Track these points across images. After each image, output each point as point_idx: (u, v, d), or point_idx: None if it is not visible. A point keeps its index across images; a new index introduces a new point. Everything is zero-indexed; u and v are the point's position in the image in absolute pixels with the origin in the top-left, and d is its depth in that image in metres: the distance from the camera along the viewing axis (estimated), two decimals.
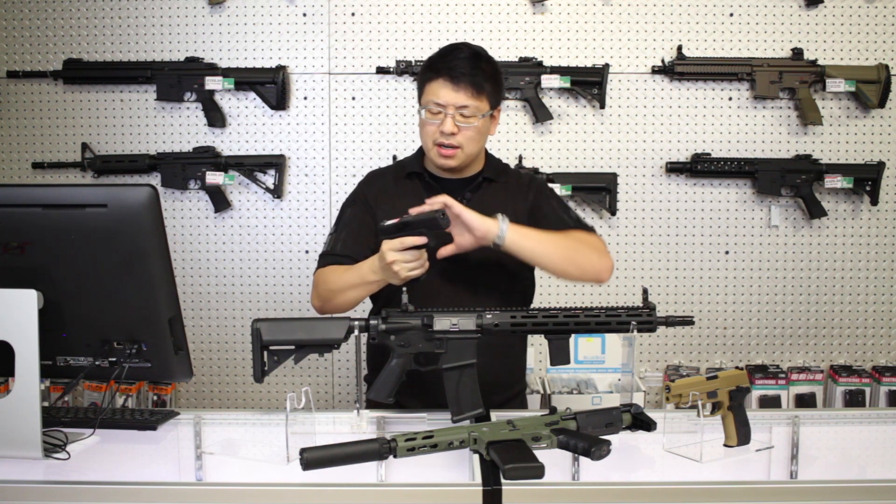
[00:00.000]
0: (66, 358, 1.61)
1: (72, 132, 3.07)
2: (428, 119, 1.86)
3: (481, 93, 1.85)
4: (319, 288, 1.89)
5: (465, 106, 1.83)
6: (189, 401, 3.13)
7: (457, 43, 1.92)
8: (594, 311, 1.65)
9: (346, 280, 1.82)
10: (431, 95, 1.85)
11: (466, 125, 1.84)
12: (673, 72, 3.00)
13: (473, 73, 1.84)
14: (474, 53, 1.87)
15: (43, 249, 1.52)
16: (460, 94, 1.83)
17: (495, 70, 1.90)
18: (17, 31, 3.04)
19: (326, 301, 1.87)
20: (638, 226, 3.09)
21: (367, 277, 1.77)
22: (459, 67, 1.83)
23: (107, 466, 1.51)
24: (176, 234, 3.07)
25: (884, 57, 3.02)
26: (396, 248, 1.67)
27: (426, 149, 1.92)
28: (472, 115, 1.84)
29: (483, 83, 1.85)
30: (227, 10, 3.03)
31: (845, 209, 3.08)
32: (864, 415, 2.03)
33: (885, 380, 2.97)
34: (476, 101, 1.84)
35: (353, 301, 1.84)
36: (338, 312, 1.87)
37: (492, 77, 1.87)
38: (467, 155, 1.88)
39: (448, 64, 1.84)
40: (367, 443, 1.35)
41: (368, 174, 2.07)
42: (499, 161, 2.05)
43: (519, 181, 2.00)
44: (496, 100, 1.90)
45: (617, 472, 1.47)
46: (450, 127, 1.83)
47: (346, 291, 1.82)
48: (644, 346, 3.10)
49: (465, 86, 1.83)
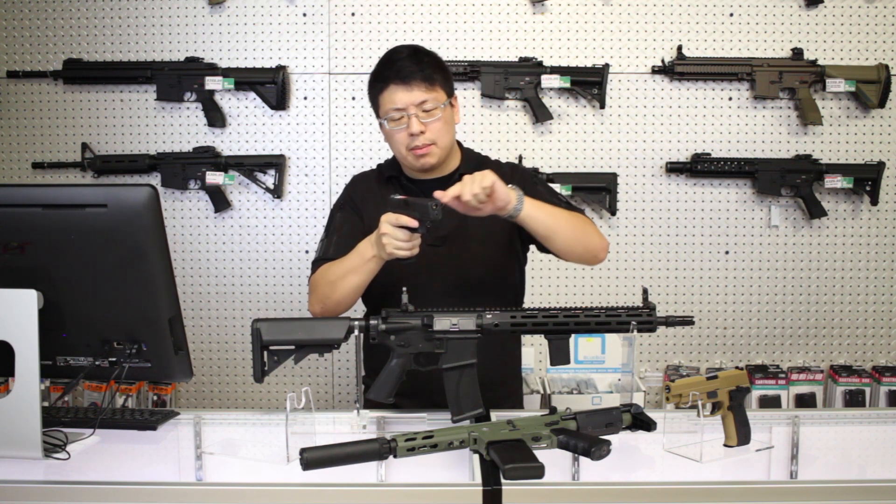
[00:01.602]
0: (66, 358, 1.61)
1: (72, 132, 3.07)
2: (393, 129, 1.87)
3: (434, 84, 1.86)
4: (318, 288, 1.89)
5: (424, 101, 1.84)
6: (189, 401, 3.13)
7: (392, 49, 1.93)
8: (594, 311, 1.64)
9: (345, 265, 1.82)
10: (388, 104, 1.86)
11: (431, 119, 1.85)
12: (673, 72, 3.00)
13: (421, 68, 1.85)
14: (413, 50, 1.89)
15: (43, 249, 1.52)
16: (415, 92, 1.84)
17: (438, 60, 1.92)
18: (17, 31, 3.04)
19: (326, 298, 1.86)
20: (638, 226, 3.09)
21: (366, 253, 1.77)
22: (405, 68, 1.85)
23: (107, 466, 1.51)
24: (176, 234, 3.07)
25: (884, 57, 3.02)
26: (392, 221, 1.68)
27: (400, 158, 1.93)
28: (433, 108, 1.85)
29: (432, 74, 1.86)
30: (227, 10, 3.03)
31: (845, 209, 3.08)
32: (864, 415, 2.03)
33: (885, 380, 2.97)
34: (431, 92, 1.85)
35: (352, 289, 1.83)
36: (339, 310, 1.87)
37: (437, 66, 1.89)
38: (442, 148, 1.88)
39: (393, 68, 1.86)
40: (367, 443, 1.35)
41: (353, 177, 2.08)
42: (476, 154, 2.04)
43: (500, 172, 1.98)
44: (449, 87, 1.92)
45: (617, 472, 1.47)
46: (416, 126, 1.84)
47: (345, 278, 1.81)
48: (644, 346, 3.10)
49: (417, 82, 1.84)
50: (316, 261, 1.94)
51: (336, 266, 1.85)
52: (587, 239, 1.84)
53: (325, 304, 1.88)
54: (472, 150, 2.04)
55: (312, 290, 1.91)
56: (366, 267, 1.79)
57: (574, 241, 1.82)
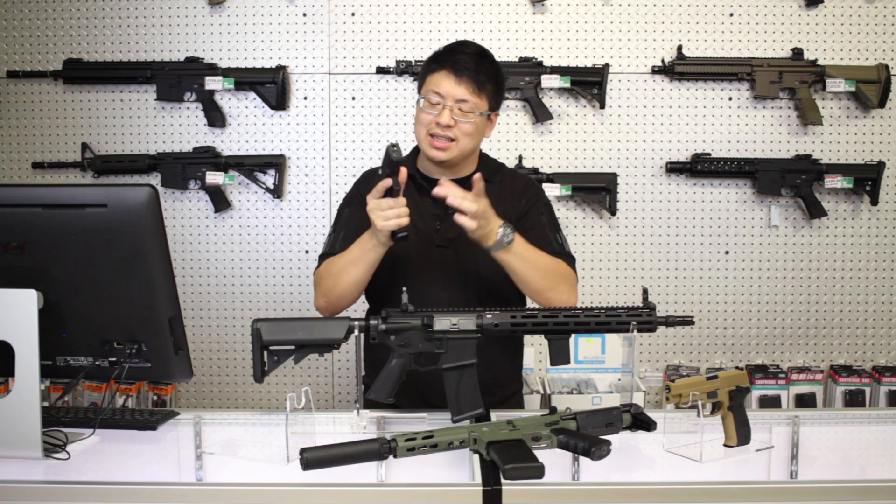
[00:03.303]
0: (66, 358, 1.61)
1: (72, 132, 3.07)
2: (426, 108, 1.86)
3: (482, 90, 1.85)
4: (322, 281, 1.89)
5: (465, 100, 1.83)
6: (189, 401, 3.13)
7: (464, 40, 1.93)
8: (594, 311, 1.64)
9: (347, 257, 1.83)
10: (432, 85, 1.86)
11: (464, 119, 1.84)
12: (673, 72, 3.00)
13: (477, 70, 1.85)
14: (480, 51, 1.89)
15: (43, 249, 1.52)
16: (461, 88, 1.83)
17: (498, 72, 1.91)
18: (17, 31, 3.04)
19: (329, 292, 1.86)
20: (638, 226, 3.09)
21: (366, 243, 1.78)
22: (464, 62, 1.84)
23: (107, 466, 1.51)
24: (176, 234, 3.07)
25: (884, 57, 3.02)
26: (372, 195, 1.71)
27: (419, 139, 1.91)
28: (471, 111, 1.84)
29: (485, 82, 1.86)
30: (227, 10, 3.03)
31: (845, 209, 3.08)
32: (864, 415, 2.03)
33: (885, 380, 2.97)
34: (476, 97, 1.84)
35: (354, 281, 1.83)
36: (343, 304, 1.88)
37: (494, 78, 1.88)
38: (461, 150, 1.87)
39: (453, 57, 1.86)
40: (367, 443, 1.35)
41: (363, 173, 2.07)
42: (494, 161, 2.04)
43: (513, 184, 1.99)
44: (496, 102, 1.91)
45: (617, 472, 1.47)
46: (447, 119, 1.83)
47: (347, 270, 1.82)
48: (644, 346, 3.10)
49: (468, 80, 1.84)
50: (322, 255, 1.94)
51: (339, 259, 1.86)
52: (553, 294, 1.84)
53: (328, 297, 1.88)
54: (489, 156, 2.04)
55: (317, 284, 1.92)
56: (366, 257, 1.79)
57: (537, 294, 1.85)
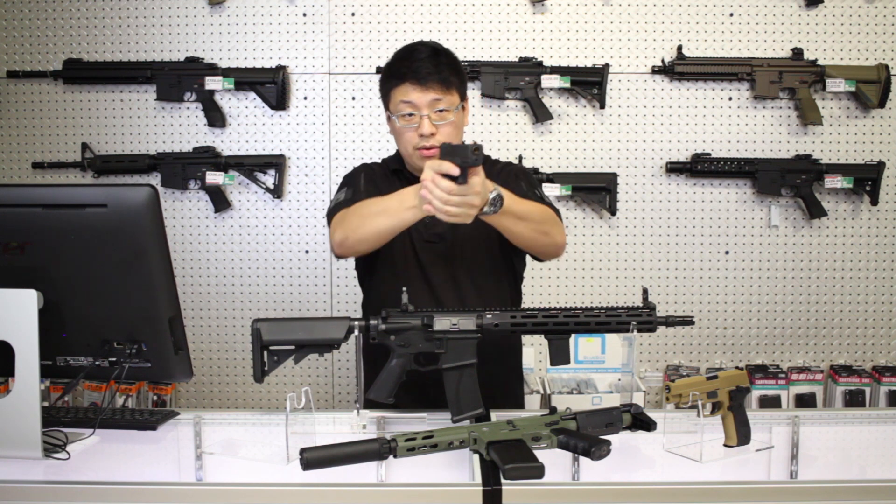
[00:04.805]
0: (66, 358, 1.61)
1: (72, 132, 3.07)
2: (403, 126, 1.85)
3: (450, 87, 1.85)
4: (348, 218, 1.79)
5: (438, 99, 1.82)
6: (189, 401, 3.12)
7: (412, 44, 1.91)
8: (594, 311, 1.65)
9: (383, 204, 1.74)
10: (401, 97, 1.84)
11: (443, 122, 1.84)
12: (673, 72, 3.00)
13: (439, 70, 1.83)
14: (433, 51, 1.87)
15: (43, 249, 1.52)
16: (430, 93, 1.82)
17: (456, 61, 1.90)
18: (17, 31, 3.04)
19: (353, 231, 1.77)
20: (638, 226, 3.09)
21: (406, 200, 1.69)
22: (423, 68, 1.82)
23: (107, 466, 1.51)
24: (176, 234, 3.07)
25: (884, 57, 3.02)
26: (434, 167, 1.57)
27: (407, 156, 1.91)
28: (447, 110, 1.84)
29: (449, 77, 1.84)
30: (227, 10, 3.03)
31: (845, 209, 3.08)
32: (864, 415, 2.03)
33: (885, 380, 2.97)
34: (446, 94, 1.84)
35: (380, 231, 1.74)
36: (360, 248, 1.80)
37: (455, 69, 1.88)
38: None
39: (411, 67, 1.83)
40: (367, 443, 1.35)
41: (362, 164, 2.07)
42: None
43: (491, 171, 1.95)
44: (463, 90, 1.91)
45: (617, 472, 1.47)
46: (428, 128, 1.82)
47: (378, 216, 1.73)
48: (644, 346, 3.10)
49: (433, 83, 1.82)
50: (337, 205, 1.87)
51: (373, 202, 1.77)
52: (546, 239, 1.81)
53: (348, 236, 1.78)
54: None
55: (340, 221, 1.82)
56: (402, 215, 1.70)
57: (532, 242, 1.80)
